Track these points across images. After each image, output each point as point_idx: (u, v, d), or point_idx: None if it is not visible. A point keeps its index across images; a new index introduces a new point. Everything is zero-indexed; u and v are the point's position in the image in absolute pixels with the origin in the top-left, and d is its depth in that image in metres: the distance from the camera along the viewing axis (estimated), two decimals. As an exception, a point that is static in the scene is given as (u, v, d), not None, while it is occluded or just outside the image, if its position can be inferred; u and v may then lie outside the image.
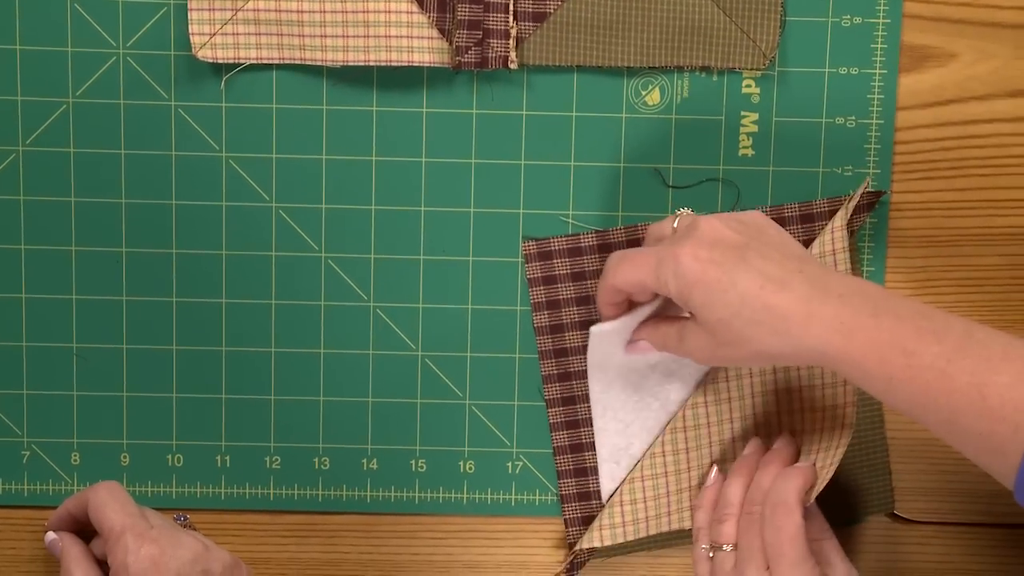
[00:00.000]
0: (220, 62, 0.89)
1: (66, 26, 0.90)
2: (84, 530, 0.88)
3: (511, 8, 0.89)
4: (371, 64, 0.89)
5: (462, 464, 0.95)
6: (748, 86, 0.92)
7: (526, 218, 0.93)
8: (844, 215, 0.90)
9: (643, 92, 0.92)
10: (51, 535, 0.88)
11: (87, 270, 0.92)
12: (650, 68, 0.91)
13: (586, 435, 0.94)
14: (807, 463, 0.86)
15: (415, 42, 0.89)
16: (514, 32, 0.89)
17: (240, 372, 0.93)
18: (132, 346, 0.93)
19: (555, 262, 0.93)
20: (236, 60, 0.89)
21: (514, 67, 0.90)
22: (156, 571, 0.82)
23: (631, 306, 0.87)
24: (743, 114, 0.92)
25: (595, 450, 0.94)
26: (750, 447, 0.90)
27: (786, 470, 0.85)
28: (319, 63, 0.89)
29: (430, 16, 0.89)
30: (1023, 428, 0.71)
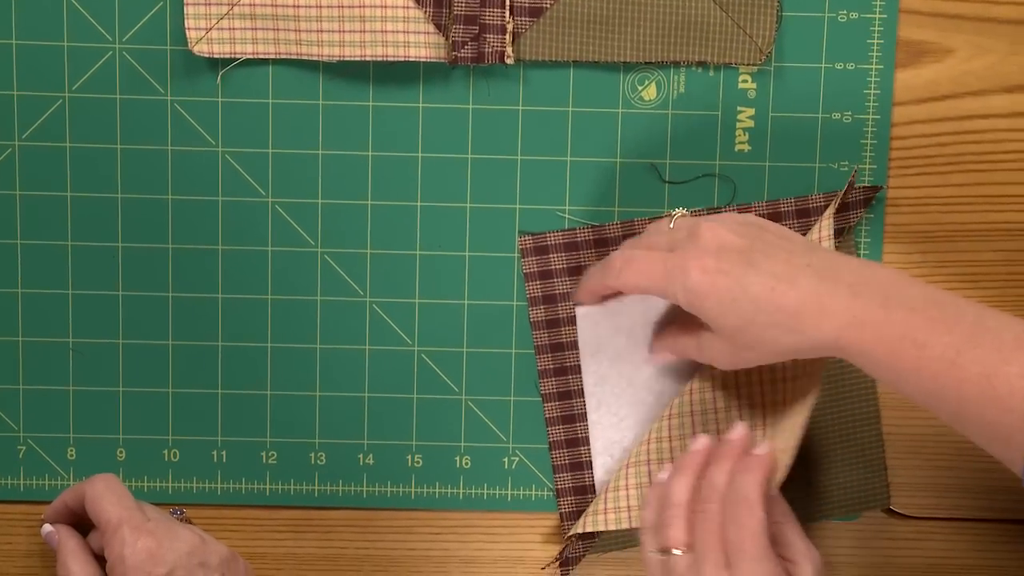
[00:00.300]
0: (216, 57, 0.89)
1: (62, 21, 0.89)
2: (81, 523, 0.88)
3: (507, 3, 0.89)
4: (367, 59, 0.89)
5: (458, 459, 0.95)
6: (744, 81, 0.92)
7: (522, 213, 0.93)
8: (833, 206, 0.90)
9: (639, 87, 0.92)
10: (47, 527, 0.88)
11: (83, 265, 0.92)
12: (646, 63, 0.91)
13: (582, 430, 0.94)
14: (764, 450, 0.82)
15: (411, 37, 0.89)
16: (510, 27, 0.89)
17: (236, 367, 0.93)
18: (128, 341, 0.93)
19: (551, 257, 0.93)
20: (232, 55, 0.89)
21: (510, 62, 0.90)
22: (153, 564, 0.82)
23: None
24: (739, 109, 0.92)
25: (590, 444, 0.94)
26: (697, 443, 0.85)
27: (745, 462, 0.81)
28: (315, 58, 0.89)
29: (426, 11, 0.89)
30: None
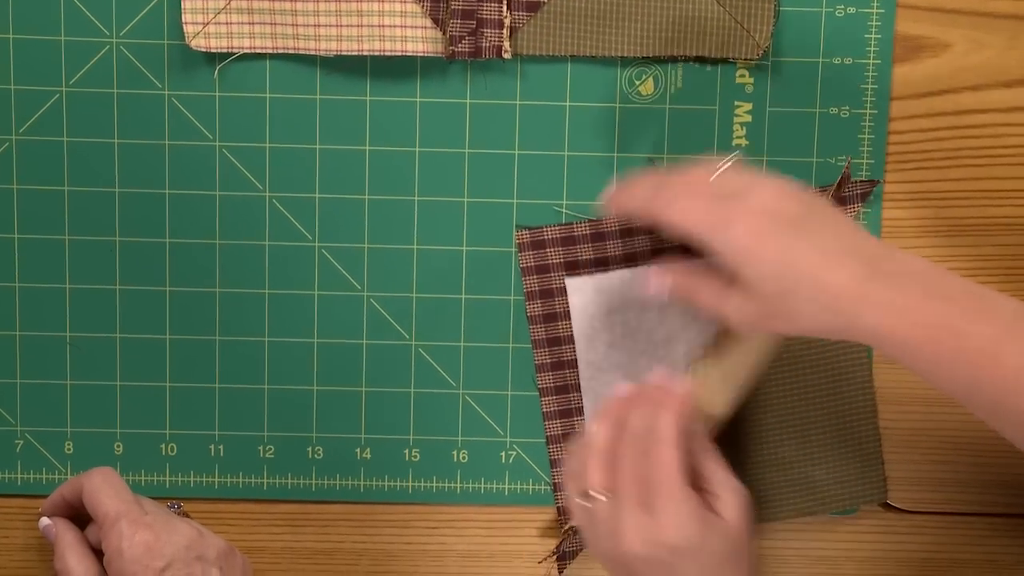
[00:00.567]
0: (213, 51, 0.89)
1: (59, 15, 0.89)
2: (79, 516, 0.88)
3: (505, -3, 0.89)
4: (365, 53, 0.89)
5: (455, 453, 0.95)
6: (742, 76, 0.92)
7: (520, 207, 0.93)
8: (827, 193, 0.90)
9: (637, 82, 0.92)
10: (45, 520, 0.89)
11: (81, 259, 0.92)
12: (644, 58, 0.91)
13: (579, 424, 0.94)
14: (681, 388, 0.82)
15: (409, 31, 0.89)
16: (508, 21, 0.89)
17: (234, 361, 0.93)
18: (126, 335, 0.93)
19: (548, 251, 0.93)
20: (229, 49, 0.89)
21: (508, 57, 0.90)
22: (150, 557, 0.82)
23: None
24: (737, 104, 0.92)
25: None
26: (618, 389, 0.85)
27: (659, 400, 0.81)
28: (313, 52, 0.89)
29: (424, 5, 0.88)
30: None
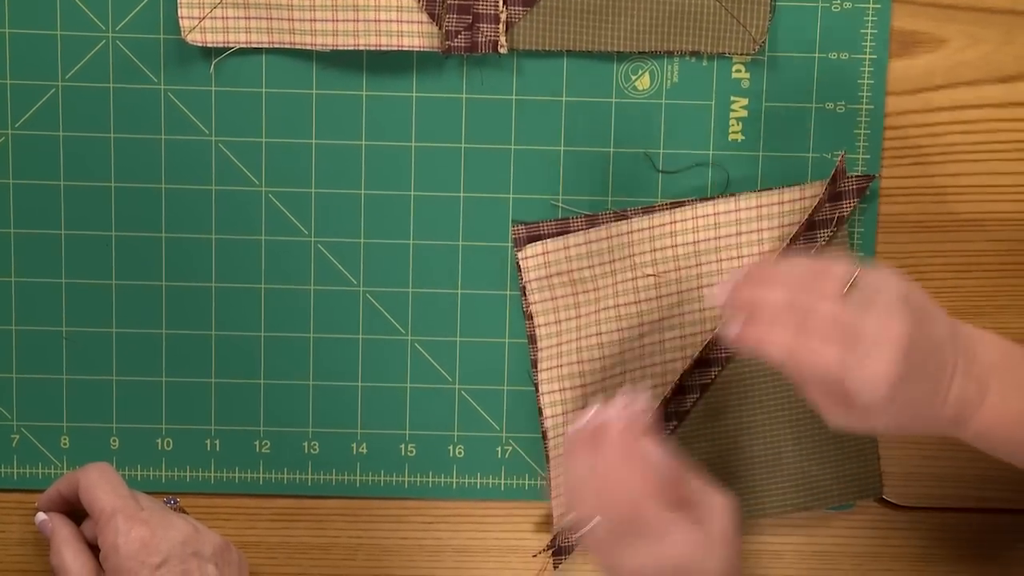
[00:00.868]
0: (209, 46, 0.89)
1: (55, 9, 0.89)
2: (75, 511, 0.88)
3: (501, -8, 0.89)
4: (360, 48, 0.89)
5: (451, 448, 0.95)
6: (738, 71, 0.92)
7: (516, 203, 0.93)
8: (821, 190, 0.91)
9: (633, 77, 0.92)
10: (41, 515, 0.89)
11: (76, 254, 0.92)
12: (640, 53, 0.91)
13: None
14: (634, 405, 0.81)
15: (404, 26, 0.89)
16: (504, 16, 0.89)
17: (229, 356, 0.93)
18: (121, 330, 0.93)
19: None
20: (225, 44, 0.89)
21: (504, 51, 0.90)
22: (146, 553, 0.82)
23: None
24: (733, 99, 0.92)
25: None
26: (578, 422, 0.82)
27: (619, 426, 0.80)
28: (308, 47, 0.89)
29: (420, 0, 0.88)
30: None
